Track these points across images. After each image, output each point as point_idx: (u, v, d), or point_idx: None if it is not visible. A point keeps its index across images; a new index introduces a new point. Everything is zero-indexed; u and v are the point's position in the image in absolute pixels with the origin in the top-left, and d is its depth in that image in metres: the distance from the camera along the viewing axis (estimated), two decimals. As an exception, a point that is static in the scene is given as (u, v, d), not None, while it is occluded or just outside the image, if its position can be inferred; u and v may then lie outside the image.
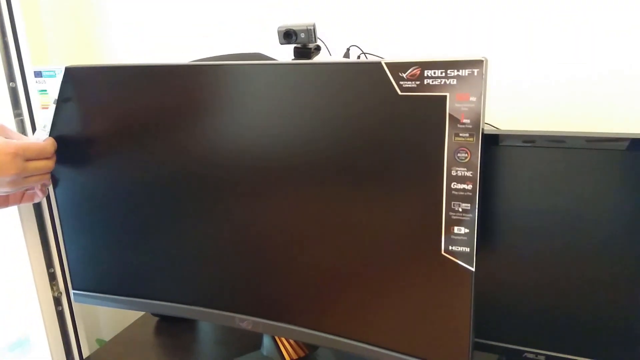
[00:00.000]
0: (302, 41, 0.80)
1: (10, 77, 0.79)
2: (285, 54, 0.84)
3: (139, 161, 0.68)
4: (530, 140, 0.62)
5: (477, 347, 0.71)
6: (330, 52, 0.92)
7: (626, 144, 0.58)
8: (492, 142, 0.63)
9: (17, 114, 0.80)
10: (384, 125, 0.54)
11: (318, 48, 0.84)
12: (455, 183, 0.51)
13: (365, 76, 0.53)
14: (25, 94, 0.80)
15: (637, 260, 0.61)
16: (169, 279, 0.71)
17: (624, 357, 0.64)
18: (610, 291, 0.63)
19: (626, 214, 0.60)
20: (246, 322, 0.68)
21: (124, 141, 0.68)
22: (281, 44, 0.80)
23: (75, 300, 0.76)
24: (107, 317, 1.25)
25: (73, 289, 0.76)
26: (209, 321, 0.71)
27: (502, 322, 0.69)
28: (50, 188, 0.75)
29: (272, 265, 0.65)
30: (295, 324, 0.66)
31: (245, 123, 0.61)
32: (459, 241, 0.53)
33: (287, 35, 0.80)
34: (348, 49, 0.91)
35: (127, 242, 0.71)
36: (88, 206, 0.72)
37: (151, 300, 0.73)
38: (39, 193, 0.73)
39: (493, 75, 0.88)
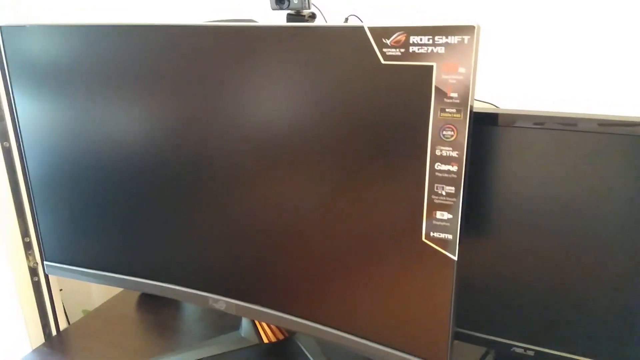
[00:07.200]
0: (295, 7, 0.75)
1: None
2: (279, 21, 0.79)
3: (117, 131, 0.64)
4: (540, 122, 0.56)
5: (464, 338, 0.67)
6: (327, 21, 0.87)
7: (641, 128, 0.52)
8: (490, 122, 0.58)
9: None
10: (365, 98, 0.49)
11: (313, 15, 0.79)
12: (440, 164, 0.46)
13: (346, 42, 0.48)
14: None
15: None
16: (143, 255, 0.68)
17: (615, 355, 0.60)
18: (608, 287, 0.58)
19: (636, 206, 0.54)
20: (220, 302, 0.65)
21: (103, 110, 0.64)
22: (273, 9, 0.76)
23: (47, 272, 0.74)
24: (98, 288, 1.23)
25: (45, 260, 0.74)
26: (182, 300, 0.68)
27: (491, 313, 0.65)
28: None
29: (249, 248, 0.61)
30: (269, 307, 0.62)
31: (212, 94, 0.57)
32: (441, 227, 0.48)
33: (279, 0, 0.75)
34: (346, 19, 0.85)
35: (102, 215, 0.68)
36: (61, 175, 0.69)
37: (123, 276, 0.70)
38: None
39: (492, 46, 0.82)
